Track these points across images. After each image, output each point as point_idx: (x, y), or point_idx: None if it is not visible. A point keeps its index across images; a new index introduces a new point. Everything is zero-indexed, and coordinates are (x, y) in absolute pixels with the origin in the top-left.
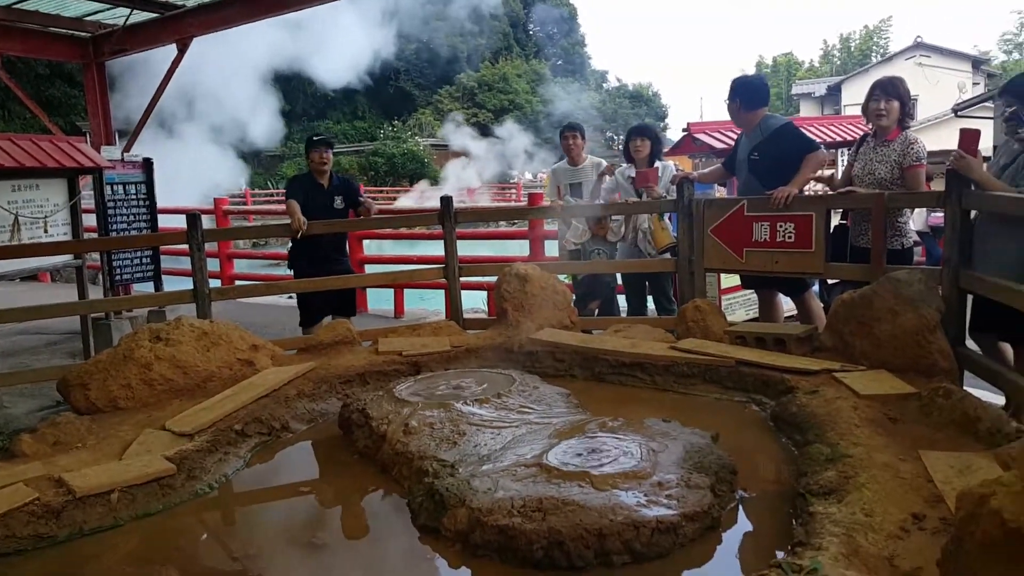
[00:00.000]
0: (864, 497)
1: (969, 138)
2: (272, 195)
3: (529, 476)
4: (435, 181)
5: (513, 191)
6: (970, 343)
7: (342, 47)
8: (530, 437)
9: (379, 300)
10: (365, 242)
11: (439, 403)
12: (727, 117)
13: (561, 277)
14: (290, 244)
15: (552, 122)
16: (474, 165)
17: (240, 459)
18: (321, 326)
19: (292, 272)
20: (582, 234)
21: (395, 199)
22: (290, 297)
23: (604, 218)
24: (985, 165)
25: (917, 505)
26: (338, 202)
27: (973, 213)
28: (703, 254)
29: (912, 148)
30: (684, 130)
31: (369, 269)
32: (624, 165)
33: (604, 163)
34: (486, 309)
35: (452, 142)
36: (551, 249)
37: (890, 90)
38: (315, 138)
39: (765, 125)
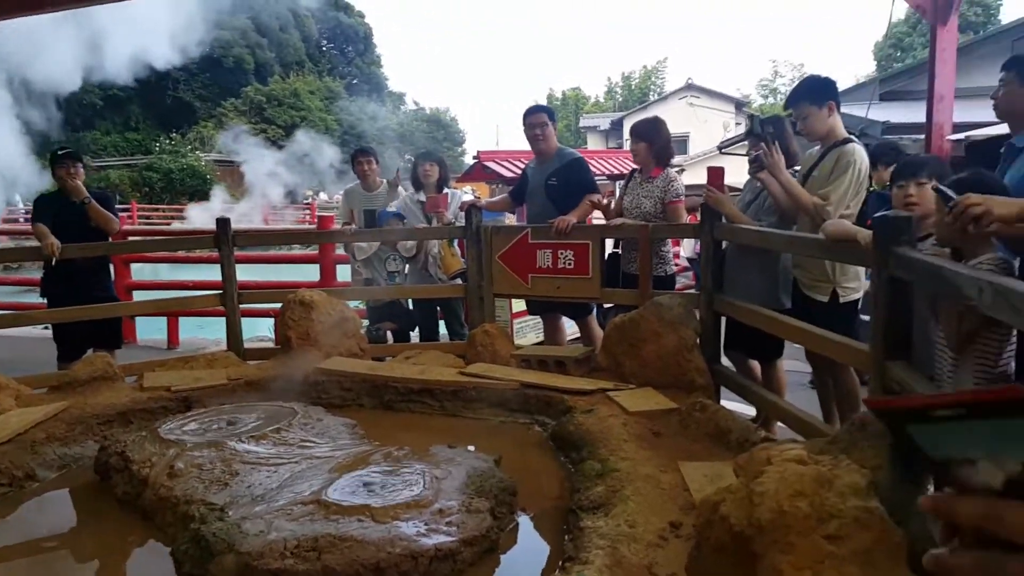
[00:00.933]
0: (628, 509)
1: (715, 175)
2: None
3: (306, 514)
4: (233, 198)
5: (307, 211)
6: (725, 360)
7: (117, 47)
8: (310, 473)
9: (151, 330)
10: (136, 266)
11: (210, 442)
12: (521, 146)
13: (353, 304)
14: (43, 270)
15: (349, 141)
16: (274, 182)
17: None
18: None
19: (45, 300)
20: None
21: (173, 220)
22: (45, 328)
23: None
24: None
25: (674, 514)
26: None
27: (724, 243)
28: (492, 280)
29: (672, 185)
30: (475, 158)
31: (138, 296)
32: (412, 190)
33: (400, 188)
34: (274, 337)
35: (241, 156)
36: (343, 274)
37: (641, 133)
38: (60, 152)
39: (561, 154)
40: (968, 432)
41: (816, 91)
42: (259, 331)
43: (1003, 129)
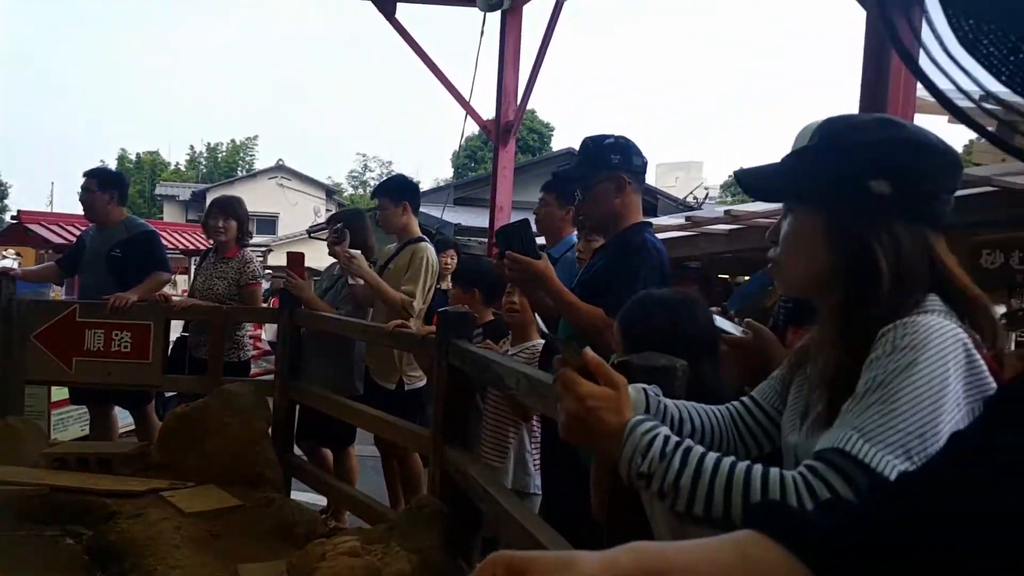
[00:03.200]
0: None
1: (295, 260)
2: None
3: None
4: None
5: None
6: (299, 450)
7: None
8: None
9: None
10: None
11: None
12: (77, 209)
13: None
14: None
15: None
16: None
17: None
18: None
19: None
20: None
21: None
22: None
23: None
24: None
25: None
26: None
27: (303, 329)
28: (23, 363)
29: (248, 267)
30: (14, 218)
31: None
32: None
33: None
34: None
35: None
36: None
37: (228, 210)
38: None
39: (129, 224)
40: None
41: (394, 190)
42: None
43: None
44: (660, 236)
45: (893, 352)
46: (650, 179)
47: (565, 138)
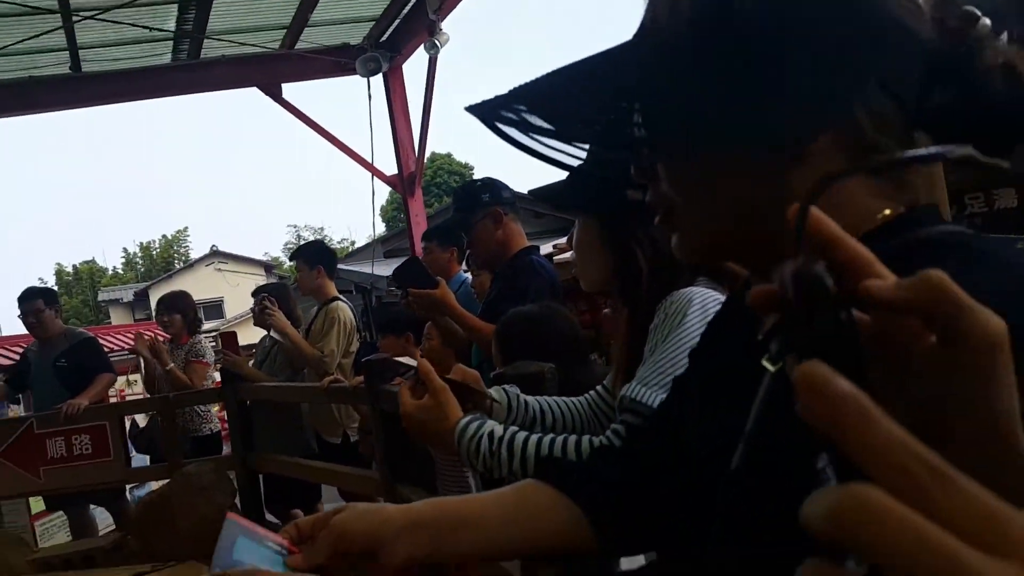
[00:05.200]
0: None
1: (229, 340)
2: None
3: None
4: None
5: None
6: (271, 515)
7: None
8: None
9: None
10: None
11: None
12: (21, 331)
13: None
14: None
15: None
16: None
17: None
18: None
19: None
20: None
21: None
22: None
23: None
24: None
25: None
26: None
27: (248, 401)
28: None
29: (193, 348)
30: None
31: None
32: None
33: None
34: None
35: None
36: None
37: (172, 305)
38: None
39: (70, 334)
40: None
41: (308, 255)
42: None
43: None
44: (562, 256)
45: (665, 319)
46: None
47: (487, 173)
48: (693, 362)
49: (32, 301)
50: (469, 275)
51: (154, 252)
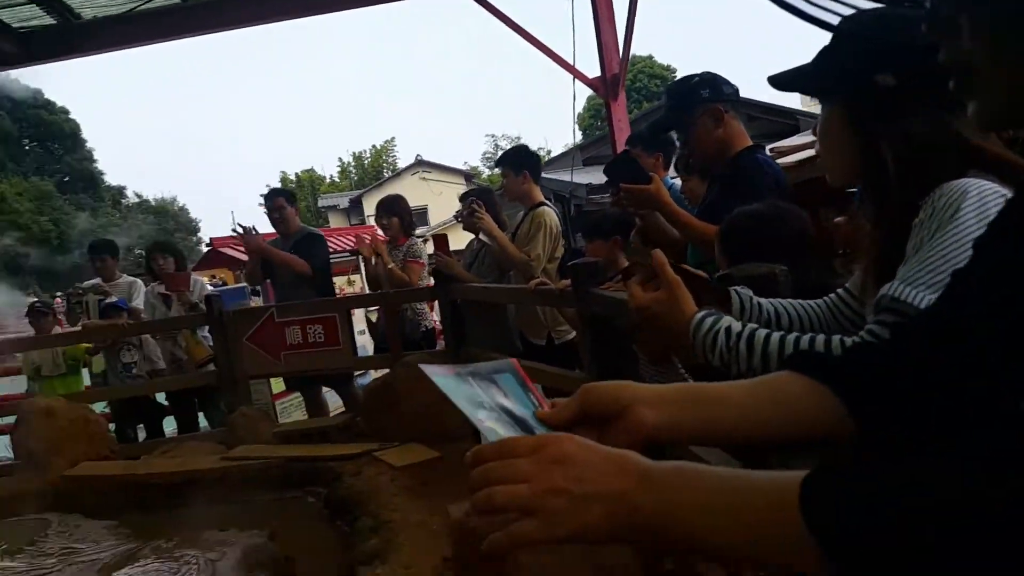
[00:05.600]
0: (403, 554)
1: (441, 242)
2: None
3: None
4: None
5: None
6: None
7: None
8: None
9: None
10: None
11: None
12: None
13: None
14: None
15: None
16: None
17: None
18: None
19: None
20: None
21: None
22: None
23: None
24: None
25: (445, 549)
26: None
27: (459, 300)
28: (242, 363)
29: (410, 249)
30: (208, 245)
31: None
32: (153, 284)
33: (139, 282)
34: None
35: None
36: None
37: (390, 208)
38: None
39: (305, 231)
40: None
41: (514, 160)
42: None
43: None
44: (793, 157)
45: (933, 213)
46: (794, 101)
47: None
48: (978, 254)
49: (276, 198)
50: (678, 180)
51: (365, 161)
